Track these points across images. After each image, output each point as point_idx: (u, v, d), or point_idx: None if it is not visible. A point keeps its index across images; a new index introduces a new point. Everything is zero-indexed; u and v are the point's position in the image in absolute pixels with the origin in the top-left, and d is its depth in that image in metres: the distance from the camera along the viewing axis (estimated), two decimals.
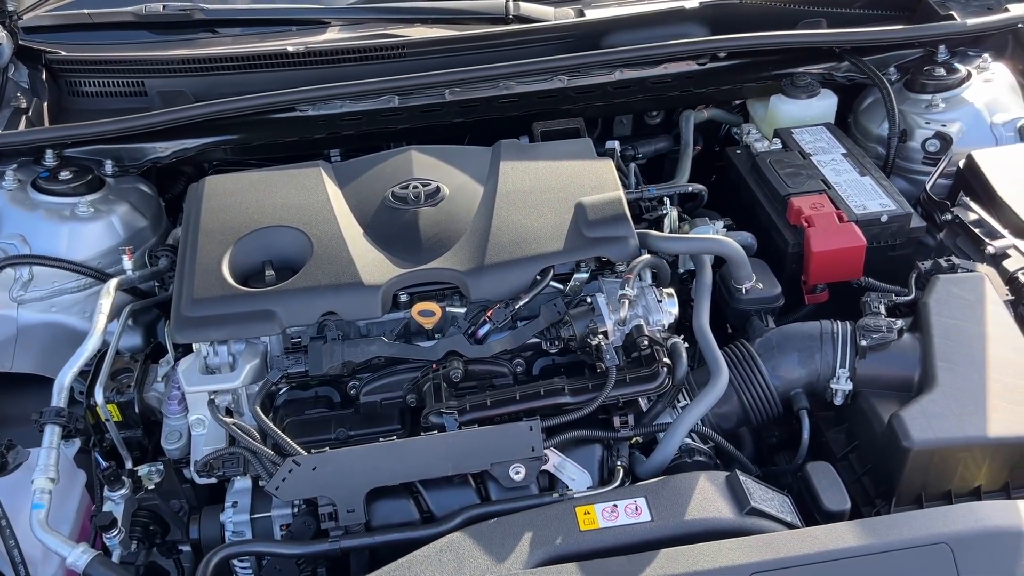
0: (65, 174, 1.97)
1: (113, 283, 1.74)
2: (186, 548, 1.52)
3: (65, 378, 1.56)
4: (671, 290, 1.61)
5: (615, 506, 1.30)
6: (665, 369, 1.48)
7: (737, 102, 2.31)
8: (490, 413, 1.44)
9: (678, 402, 1.55)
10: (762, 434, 1.71)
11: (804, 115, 2.08)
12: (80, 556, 1.35)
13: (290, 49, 2.09)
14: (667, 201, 1.82)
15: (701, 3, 2.16)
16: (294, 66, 2.11)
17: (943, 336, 1.51)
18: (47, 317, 1.86)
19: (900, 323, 1.54)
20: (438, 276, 1.60)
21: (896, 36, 2.11)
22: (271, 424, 1.45)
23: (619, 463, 1.45)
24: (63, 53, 2.15)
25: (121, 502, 1.50)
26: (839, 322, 1.57)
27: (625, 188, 1.86)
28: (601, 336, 1.52)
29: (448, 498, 1.42)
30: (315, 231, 1.67)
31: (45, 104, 2.10)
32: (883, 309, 1.56)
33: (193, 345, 1.59)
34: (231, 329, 1.55)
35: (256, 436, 1.45)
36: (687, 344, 1.55)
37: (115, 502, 1.50)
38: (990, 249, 1.70)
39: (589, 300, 1.58)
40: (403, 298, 1.61)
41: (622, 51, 2.08)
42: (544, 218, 1.67)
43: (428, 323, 1.59)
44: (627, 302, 1.53)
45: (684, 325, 1.63)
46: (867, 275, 1.75)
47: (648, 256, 1.62)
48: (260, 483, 1.43)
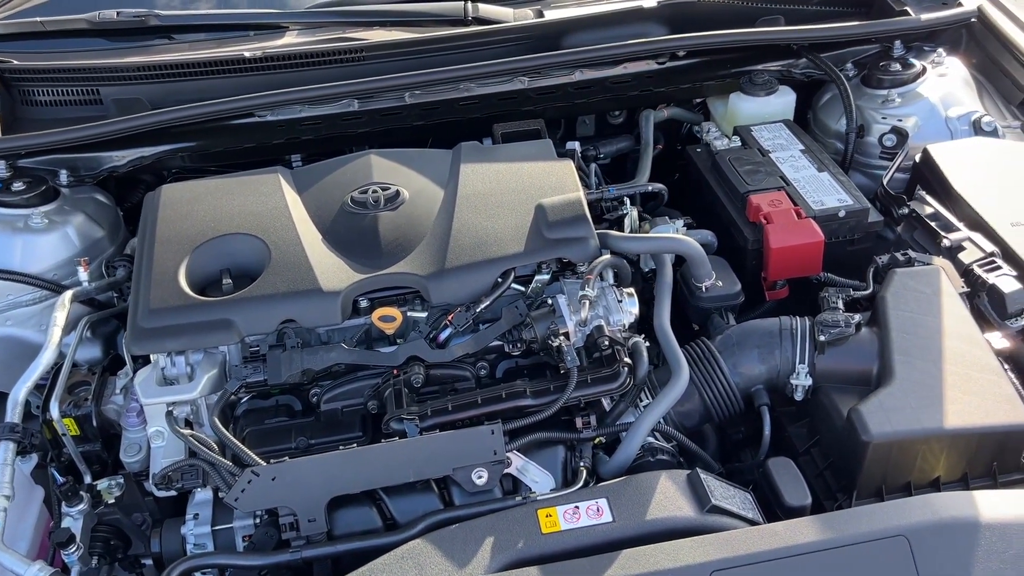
0: (18, 185, 1.93)
1: (68, 295, 1.71)
2: (148, 562, 1.50)
3: (19, 393, 1.54)
4: (631, 290, 1.61)
5: (577, 508, 1.30)
6: (626, 369, 1.48)
7: (698, 100, 2.32)
8: (451, 418, 1.44)
9: (640, 401, 1.55)
10: (727, 431, 1.72)
11: (763, 112, 2.09)
12: (37, 574, 1.33)
13: (247, 54, 2.07)
14: (627, 201, 1.82)
15: (659, 2, 2.16)
16: (252, 71, 2.08)
17: (900, 329, 1.52)
18: (1, 331, 1.83)
19: (858, 317, 1.55)
20: (398, 281, 1.59)
21: (852, 32, 2.13)
22: (229, 435, 1.43)
23: (582, 464, 1.45)
24: (15, 62, 2.12)
25: (80, 518, 1.47)
26: (798, 318, 1.58)
27: (586, 189, 1.86)
28: (562, 337, 1.52)
29: (411, 504, 1.41)
30: (273, 238, 1.66)
31: None
32: (841, 304, 1.58)
33: (151, 356, 1.57)
34: (188, 339, 1.54)
35: (214, 447, 1.44)
36: (648, 343, 1.56)
37: (74, 518, 1.48)
38: (946, 242, 1.71)
39: (550, 302, 1.58)
40: (363, 304, 1.59)
41: (581, 51, 2.08)
42: (504, 220, 1.66)
43: (389, 328, 1.58)
44: (588, 303, 1.53)
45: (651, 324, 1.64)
46: (827, 270, 1.77)
47: (608, 256, 1.62)
48: (220, 495, 1.42)
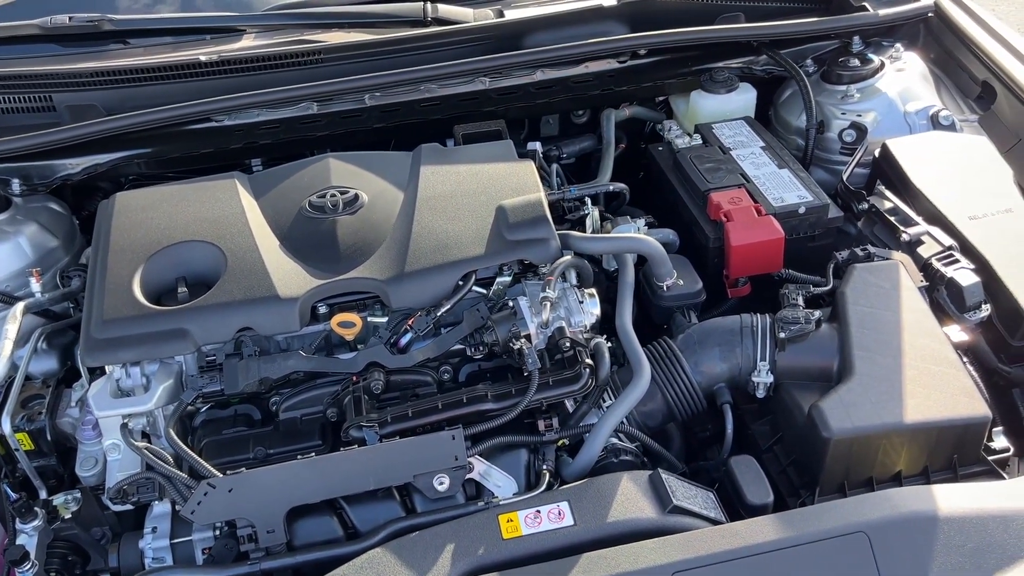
0: None
1: (20, 307, 1.67)
2: None
3: None
4: (593, 290, 1.60)
5: (538, 512, 1.29)
6: (588, 370, 1.47)
7: (660, 99, 2.32)
8: (412, 424, 1.42)
9: (604, 402, 1.54)
10: (693, 429, 1.72)
11: (724, 110, 2.09)
12: None
13: (203, 58, 2.04)
14: (588, 201, 1.81)
15: (620, 1, 2.16)
16: (208, 75, 2.05)
17: (860, 325, 1.52)
18: None
19: (818, 314, 1.55)
20: (357, 286, 1.58)
21: (811, 28, 2.14)
22: (184, 446, 1.41)
23: (545, 467, 1.44)
24: None
25: (35, 534, 1.44)
26: (758, 315, 1.58)
27: (547, 189, 1.85)
28: (523, 340, 1.50)
29: (372, 512, 1.39)
30: (229, 245, 1.63)
31: None
32: (801, 301, 1.58)
33: (105, 368, 1.54)
34: (143, 350, 1.51)
35: (169, 460, 1.41)
36: (611, 344, 1.55)
37: (28, 534, 1.44)
38: (905, 236, 1.72)
39: (511, 304, 1.57)
40: (322, 310, 1.57)
41: (542, 51, 2.07)
42: (465, 222, 1.65)
43: (349, 334, 1.57)
44: (549, 304, 1.52)
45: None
46: (788, 266, 1.77)
47: (569, 257, 1.61)
48: (177, 508, 1.39)
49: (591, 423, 1.48)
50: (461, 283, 1.57)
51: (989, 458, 1.47)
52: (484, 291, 1.61)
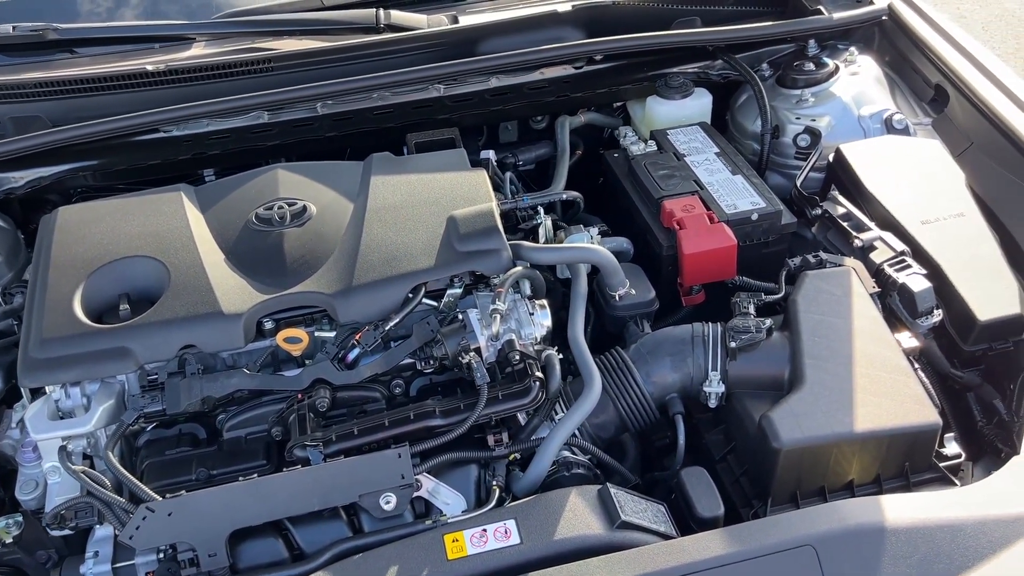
0: None
1: None
2: None
3: None
4: (544, 301, 1.58)
5: (484, 531, 1.27)
6: (537, 383, 1.45)
7: (618, 104, 2.30)
8: (357, 442, 1.39)
9: (556, 414, 1.53)
10: (651, 437, 1.70)
11: (679, 115, 2.08)
12: None
13: (150, 68, 2.00)
14: (541, 210, 1.79)
15: (574, 6, 2.14)
16: (156, 85, 2.01)
17: (811, 333, 1.52)
18: None
19: (769, 322, 1.54)
20: (304, 300, 1.55)
21: (766, 32, 2.13)
22: (122, 469, 1.37)
23: (494, 483, 1.41)
24: None
25: None
26: (710, 324, 1.57)
27: (501, 198, 1.83)
28: (473, 353, 1.48)
29: (318, 533, 1.37)
30: (173, 259, 1.60)
31: None
32: (752, 309, 1.57)
33: (46, 388, 1.50)
34: (82, 369, 1.47)
35: (107, 483, 1.38)
36: (562, 355, 1.53)
37: None
38: (857, 242, 1.72)
39: (461, 317, 1.55)
40: (268, 325, 1.54)
41: (496, 58, 2.05)
42: (415, 234, 1.62)
43: (295, 350, 1.54)
44: (499, 317, 1.50)
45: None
46: (743, 273, 1.76)
47: (520, 268, 1.59)
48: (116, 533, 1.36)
49: (543, 437, 1.46)
50: (411, 296, 1.55)
51: (941, 465, 1.47)
52: (435, 303, 1.59)
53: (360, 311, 1.53)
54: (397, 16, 2.16)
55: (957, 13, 5.50)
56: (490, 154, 1.98)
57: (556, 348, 1.54)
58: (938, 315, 1.62)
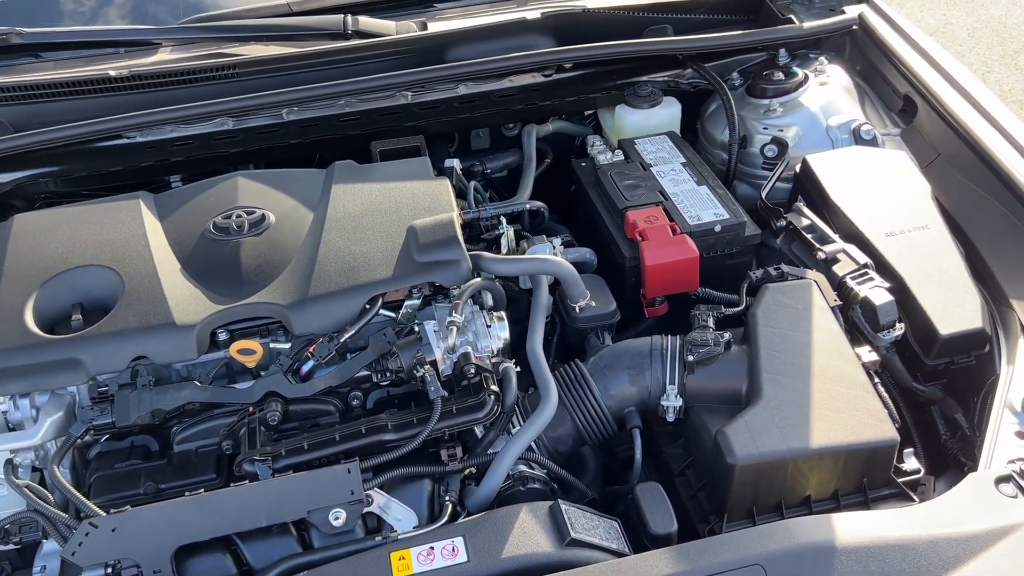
0: None
1: None
2: None
3: None
4: (502, 313, 1.57)
5: (431, 548, 1.25)
6: (492, 397, 1.43)
7: (589, 112, 2.29)
8: (307, 457, 1.38)
9: (512, 427, 1.51)
10: (614, 449, 1.69)
11: (648, 124, 2.07)
12: None
13: (112, 73, 1.98)
14: (503, 220, 1.78)
15: (544, 14, 2.13)
16: (119, 91, 1.99)
17: (769, 347, 1.50)
18: None
19: (727, 335, 1.53)
20: (259, 311, 1.53)
21: (736, 41, 2.12)
22: (66, 483, 1.35)
23: (447, 498, 1.40)
24: None
25: None
26: (669, 337, 1.56)
27: (465, 207, 1.82)
28: (428, 367, 1.46)
29: (267, 549, 1.35)
30: (127, 269, 1.58)
31: None
32: (712, 322, 1.55)
33: None
34: (31, 381, 1.45)
35: (50, 498, 1.36)
36: (519, 368, 1.52)
37: None
38: (821, 255, 1.71)
39: (418, 329, 1.53)
40: (222, 336, 1.52)
41: (465, 65, 2.03)
42: (374, 244, 1.61)
43: (249, 361, 1.52)
44: (455, 329, 1.48)
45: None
46: (707, 284, 1.75)
47: (479, 280, 1.57)
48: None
49: (498, 451, 1.45)
50: (367, 307, 1.53)
51: (900, 480, 1.46)
52: (393, 315, 1.57)
53: (315, 322, 1.51)
54: (365, 22, 2.14)
55: (943, 19, 5.51)
56: (454, 163, 1.96)
57: (514, 361, 1.52)
58: (900, 329, 1.61)
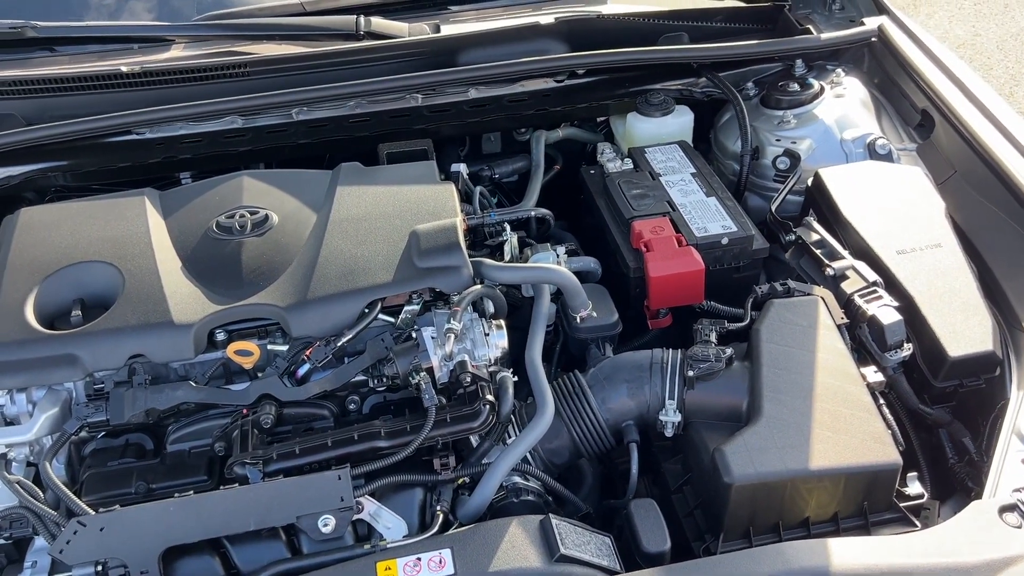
0: None
1: None
2: None
3: None
4: (501, 322, 1.55)
5: (419, 559, 1.23)
6: (488, 407, 1.42)
7: (602, 119, 2.27)
8: (298, 462, 1.37)
9: (508, 437, 1.49)
10: (616, 462, 1.66)
11: (660, 133, 2.04)
12: None
13: (124, 69, 1.98)
14: (507, 226, 1.76)
15: (557, 19, 2.11)
16: (131, 87, 1.99)
17: (772, 364, 1.48)
18: None
19: (729, 351, 1.50)
20: (257, 312, 1.52)
21: (751, 51, 2.09)
22: (57, 481, 1.35)
23: (439, 508, 1.38)
24: None
25: None
26: (670, 351, 1.53)
27: (470, 212, 1.80)
28: (423, 374, 1.45)
29: (256, 553, 1.34)
30: (129, 266, 1.58)
31: None
32: (714, 337, 1.53)
33: None
34: (28, 376, 1.45)
35: (40, 495, 1.36)
36: (516, 377, 1.50)
37: None
38: (829, 271, 1.68)
39: (415, 335, 1.52)
40: (221, 337, 1.52)
41: (476, 69, 2.02)
42: (376, 247, 1.59)
43: (246, 363, 1.51)
44: (453, 336, 1.46)
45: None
46: (714, 298, 1.72)
47: (479, 287, 1.55)
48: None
49: (492, 461, 1.43)
50: (366, 311, 1.52)
51: (902, 505, 1.43)
52: (392, 320, 1.56)
53: (313, 325, 1.50)
54: (378, 24, 2.13)
55: (972, 31, 5.43)
56: (461, 167, 1.95)
57: (512, 370, 1.51)
58: (908, 349, 1.57)
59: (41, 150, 1.93)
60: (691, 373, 1.47)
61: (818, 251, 1.72)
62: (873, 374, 1.51)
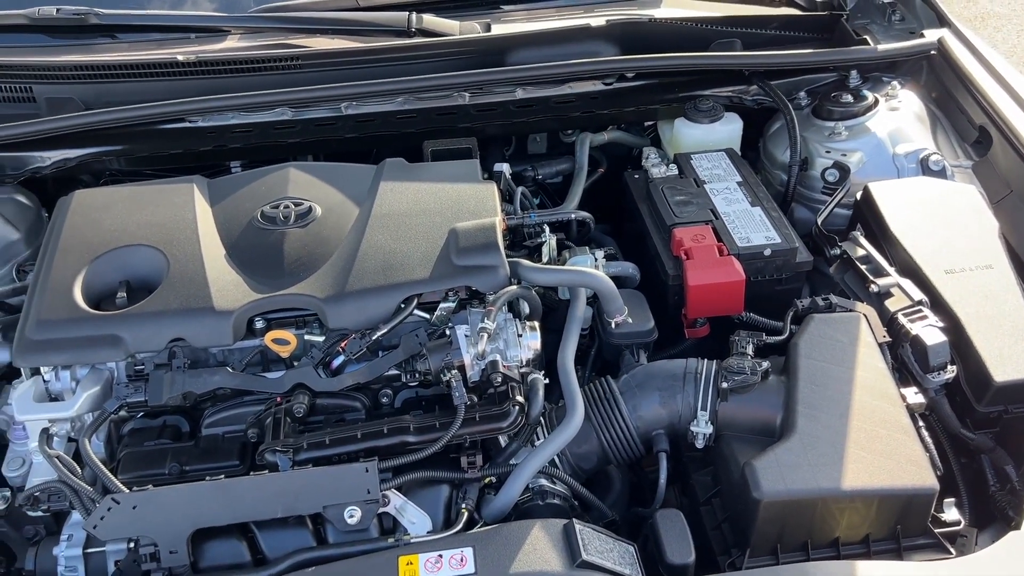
0: None
1: None
2: None
3: None
4: (535, 323, 1.54)
5: (440, 556, 1.24)
6: (517, 408, 1.42)
7: (650, 124, 2.25)
8: (327, 452, 1.38)
9: (536, 440, 1.49)
10: (646, 470, 1.65)
11: (707, 139, 2.02)
12: None
13: (180, 58, 2.02)
14: (547, 228, 1.76)
15: (608, 21, 2.10)
16: (185, 75, 2.03)
17: (809, 380, 1.45)
18: None
19: (765, 364, 1.48)
20: (296, 302, 1.54)
21: (804, 60, 2.06)
22: (95, 458, 1.38)
23: (464, 506, 1.39)
24: None
25: None
26: (705, 361, 1.51)
27: (511, 211, 1.80)
28: (455, 371, 1.45)
29: (282, 540, 1.36)
30: (174, 251, 1.61)
31: None
32: (751, 349, 1.50)
33: (41, 369, 1.52)
34: (74, 354, 1.49)
35: (77, 470, 1.39)
36: (547, 380, 1.50)
37: None
38: (874, 287, 1.64)
39: (449, 332, 1.52)
40: (259, 325, 1.54)
41: (524, 69, 2.02)
42: (415, 243, 1.60)
43: (283, 351, 1.53)
44: (486, 335, 1.47)
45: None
46: (754, 310, 1.69)
47: (514, 287, 1.55)
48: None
49: (519, 462, 1.43)
50: (402, 306, 1.53)
51: (937, 531, 1.39)
52: (427, 316, 1.57)
53: (350, 318, 1.52)
54: (429, 21, 2.14)
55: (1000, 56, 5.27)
56: (504, 167, 1.95)
57: (544, 373, 1.50)
58: (952, 371, 1.53)
59: (97, 134, 1.97)
60: (725, 385, 1.45)
61: (863, 267, 1.69)
62: (914, 395, 1.48)
